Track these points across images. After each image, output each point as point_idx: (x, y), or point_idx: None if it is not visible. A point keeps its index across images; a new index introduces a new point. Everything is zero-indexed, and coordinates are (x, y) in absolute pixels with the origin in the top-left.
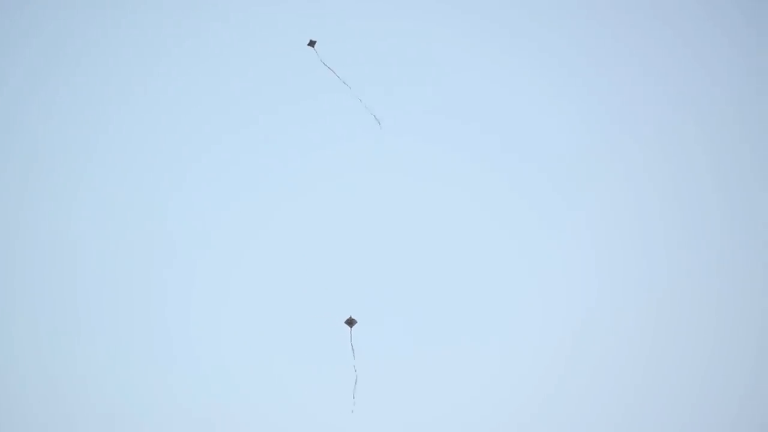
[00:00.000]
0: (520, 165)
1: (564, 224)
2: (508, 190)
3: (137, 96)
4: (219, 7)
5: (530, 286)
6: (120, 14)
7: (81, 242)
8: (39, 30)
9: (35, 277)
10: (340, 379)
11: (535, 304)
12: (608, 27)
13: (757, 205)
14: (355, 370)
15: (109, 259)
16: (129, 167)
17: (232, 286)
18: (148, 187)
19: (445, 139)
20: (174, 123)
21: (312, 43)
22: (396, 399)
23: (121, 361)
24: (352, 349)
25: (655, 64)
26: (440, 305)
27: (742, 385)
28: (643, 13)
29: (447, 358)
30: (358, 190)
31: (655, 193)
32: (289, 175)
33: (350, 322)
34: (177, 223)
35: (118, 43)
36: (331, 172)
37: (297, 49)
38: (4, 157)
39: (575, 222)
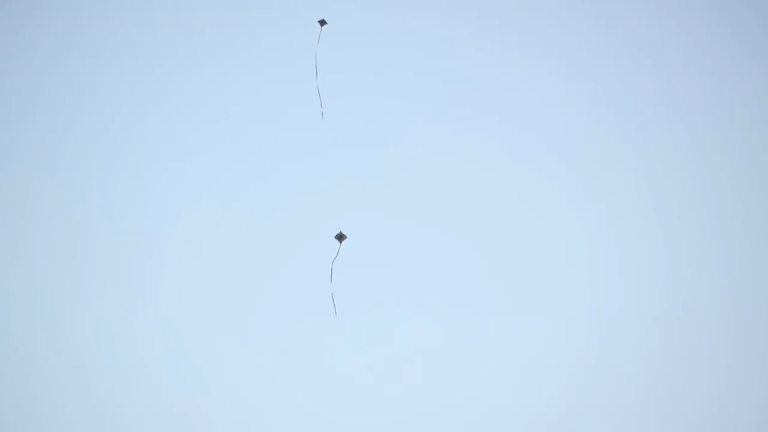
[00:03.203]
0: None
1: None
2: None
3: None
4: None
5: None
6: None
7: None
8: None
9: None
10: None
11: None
12: (622, 25)
13: None
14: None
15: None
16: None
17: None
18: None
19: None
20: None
21: (322, 22)
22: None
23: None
24: (337, 253)
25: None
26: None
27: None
28: (658, 12)
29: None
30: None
31: (673, 186)
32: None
33: (340, 237)
34: (159, 219)
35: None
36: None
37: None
38: None
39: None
